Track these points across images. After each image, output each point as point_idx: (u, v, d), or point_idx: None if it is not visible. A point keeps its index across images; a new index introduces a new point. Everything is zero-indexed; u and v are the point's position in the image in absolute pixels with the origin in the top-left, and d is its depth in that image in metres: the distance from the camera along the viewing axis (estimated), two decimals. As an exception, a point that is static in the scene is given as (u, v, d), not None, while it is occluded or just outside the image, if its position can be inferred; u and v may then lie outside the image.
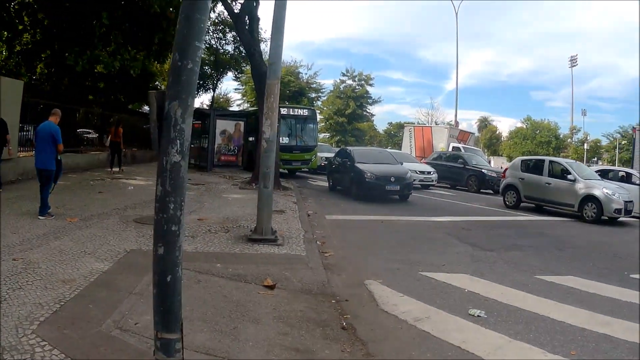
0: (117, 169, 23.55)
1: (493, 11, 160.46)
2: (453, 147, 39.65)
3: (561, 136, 79.45)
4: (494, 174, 30.06)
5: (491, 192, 29.12)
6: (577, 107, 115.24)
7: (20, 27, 25.15)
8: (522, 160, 23.37)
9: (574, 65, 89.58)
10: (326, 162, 34.89)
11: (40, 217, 10.94)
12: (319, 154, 34.47)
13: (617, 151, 72.22)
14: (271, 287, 7.32)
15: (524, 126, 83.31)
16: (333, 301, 7.10)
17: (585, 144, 75.31)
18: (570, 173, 19.26)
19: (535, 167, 21.69)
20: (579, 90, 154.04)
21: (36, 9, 24.04)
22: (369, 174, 19.67)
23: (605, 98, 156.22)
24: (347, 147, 27.14)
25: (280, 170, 27.84)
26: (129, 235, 9.84)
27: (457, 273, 9.11)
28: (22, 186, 15.55)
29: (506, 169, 24.20)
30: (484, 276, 8.98)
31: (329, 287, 7.76)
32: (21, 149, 18.36)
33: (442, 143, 42.42)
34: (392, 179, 19.86)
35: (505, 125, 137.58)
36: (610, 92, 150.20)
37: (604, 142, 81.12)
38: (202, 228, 11.11)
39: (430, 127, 51.00)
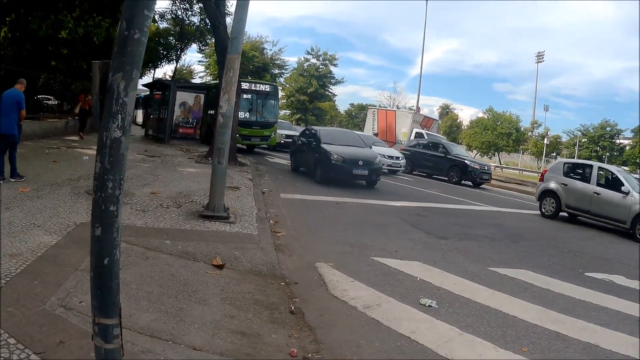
0: (80, 136, 24.39)
1: (464, 2, 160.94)
2: (416, 132, 39.48)
3: (522, 129, 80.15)
4: (476, 166, 29.53)
5: (471, 184, 29.16)
6: (540, 102, 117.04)
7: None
8: (565, 163, 20.13)
9: (540, 61, 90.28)
10: (286, 140, 35.31)
11: (11, 180, 11.31)
12: (279, 131, 34.41)
13: (576, 148, 73.37)
14: (220, 267, 7.21)
15: (485, 116, 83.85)
16: (282, 283, 7.02)
17: (546, 139, 76.16)
18: (623, 184, 16.52)
19: (580, 172, 18.74)
20: (543, 86, 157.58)
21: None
22: (335, 156, 18.59)
23: (568, 96, 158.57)
24: (313, 127, 25.42)
25: (239, 145, 27.73)
26: (79, 207, 9.55)
27: (410, 260, 9.07)
28: None
29: (544, 172, 21.21)
30: (437, 265, 8.99)
31: (279, 269, 7.68)
32: None
33: (405, 128, 42.47)
34: (360, 163, 18.82)
35: (466, 114, 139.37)
36: (573, 90, 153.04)
37: (565, 138, 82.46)
38: (154, 202, 10.88)
39: (394, 110, 50.28)
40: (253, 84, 32.17)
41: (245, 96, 28.98)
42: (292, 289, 6.88)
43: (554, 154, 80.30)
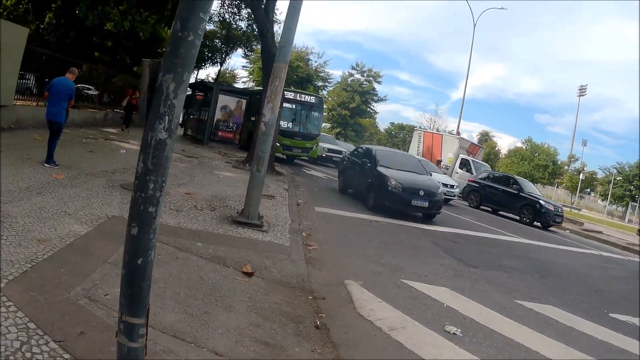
0: (125, 129, 26.15)
1: (511, 27, 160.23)
2: (462, 159, 38.30)
3: (559, 162, 79.39)
4: (550, 207, 26.72)
5: (540, 225, 26.42)
6: (579, 136, 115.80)
7: (33, -27, 24.92)
8: None
9: (582, 95, 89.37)
10: (327, 154, 35.79)
11: (45, 165, 11.52)
12: (320, 144, 33.81)
13: (611, 186, 72.16)
14: (249, 274, 7.18)
15: (524, 147, 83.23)
16: (310, 297, 6.96)
17: (582, 174, 75.17)
18: None
19: None
20: (583, 120, 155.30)
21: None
22: (393, 182, 16.37)
23: (607, 132, 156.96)
24: (369, 146, 22.30)
25: (278, 155, 27.79)
26: (113, 200, 9.63)
27: (439, 286, 8.94)
28: (13, 134, 15.41)
29: None
30: (465, 293, 8.84)
31: (308, 282, 7.62)
32: (19, 96, 18.28)
33: (450, 153, 40.61)
34: (421, 193, 16.56)
35: (505, 142, 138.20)
36: (612, 126, 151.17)
37: (600, 174, 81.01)
38: (188, 203, 10.93)
39: (441, 134, 47.61)
40: (298, 94, 31.46)
41: (289, 106, 28.88)
42: (319, 303, 6.82)
43: (588, 189, 79.34)
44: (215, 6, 49.67)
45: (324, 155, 34.96)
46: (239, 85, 69.88)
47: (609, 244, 26.07)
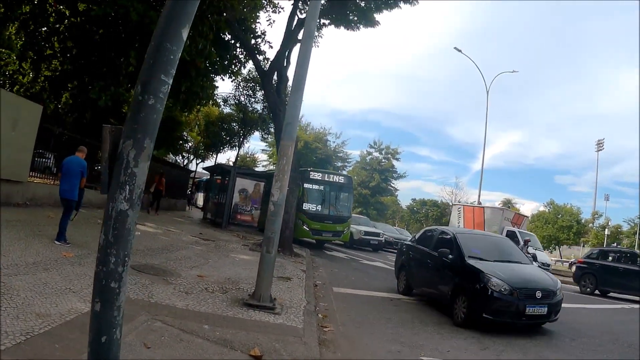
0: (155, 213, 28.94)
1: (525, 91, 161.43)
2: (507, 231, 35.94)
3: (583, 221, 78.64)
4: None
5: None
6: (601, 191, 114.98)
7: (49, 52, 25.26)
8: None
9: (600, 149, 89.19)
10: (364, 237, 33.75)
11: (56, 242, 11.72)
12: (355, 226, 33.14)
13: (637, 237, 71.37)
14: (258, 358, 6.76)
15: (547, 210, 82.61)
16: (322, 381, 6.53)
17: (606, 230, 74.41)
18: None
19: None
20: (604, 174, 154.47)
21: (66, 37, 24.11)
22: (496, 282, 11.12)
23: (629, 183, 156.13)
24: (444, 229, 15.97)
25: (308, 239, 28.75)
26: (121, 282, 9.29)
27: (462, 362, 8.45)
28: (27, 211, 15.77)
29: None
30: (490, 367, 8.35)
31: (321, 365, 7.16)
32: (37, 174, 18.98)
33: (495, 226, 38.17)
34: (538, 295, 11.46)
35: (527, 208, 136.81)
36: (634, 177, 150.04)
37: (625, 227, 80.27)
38: (199, 285, 10.60)
39: (483, 207, 44.70)
40: (326, 174, 30.68)
41: (317, 187, 28.79)
42: (331, 388, 6.40)
43: (615, 244, 78.65)
44: (230, 89, 50.24)
45: (359, 238, 33.28)
46: (259, 168, 70.33)
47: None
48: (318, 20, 22.59)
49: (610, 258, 25.48)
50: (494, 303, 11.13)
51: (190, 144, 56.66)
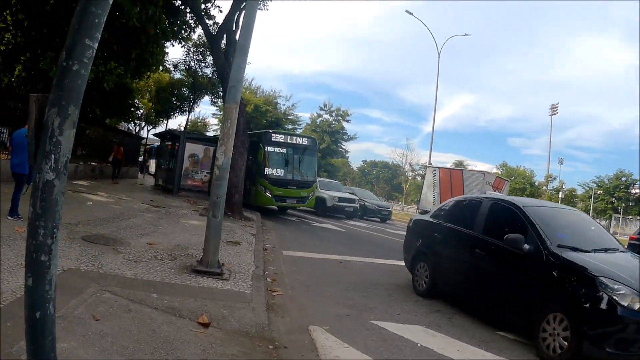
0: (114, 181, 30.19)
1: (478, 57, 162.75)
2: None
3: (536, 183, 79.84)
4: None
5: None
6: (555, 155, 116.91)
7: (2, 25, 24.75)
8: None
9: (554, 114, 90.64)
10: (338, 204, 32.35)
11: (8, 218, 11.61)
12: (329, 192, 32.61)
13: (592, 201, 72.72)
14: (206, 325, 6.73)
15: (499, 172, 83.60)
16: (270, 347, 6.51)
17: (561, 193, 75.77)
18: None
19: None
20: (557, 139, 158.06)
21: (18, 9, 23.60)
22: (622, 292, 6.98)
23: (583, 147, 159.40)
24: (496, 197, 11.55)
25: (271, 207, 28.65)
26: (71, 252, 9.29)
27: (412, 324, 8.53)
28: None
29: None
30: (441, 329, 8.42)
31: (269, 331, 7.15)
32: None
33: (476, 191, 33.75)
34: None
35: (480, 169, 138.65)
36: (588, 141, 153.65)
37: (580, 191, 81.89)
38: (148, 253, 10.52)
39: (461, 170, 42.94)
40: (289, 137, 29.07)
41: (279, 150, 27.33)
42: (280, 353, 6.38)
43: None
44: (180, 54, 49.57)
45: (333, 205, 32.02)
46: (210, 133, 69.77)
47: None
48: (266, -18, 22.42)
49: None
50: (623, 327, 7.04)
51: (141, 111, 55.97)
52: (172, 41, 27.83)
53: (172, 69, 46.34)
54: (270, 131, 28.97)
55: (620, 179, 74.12)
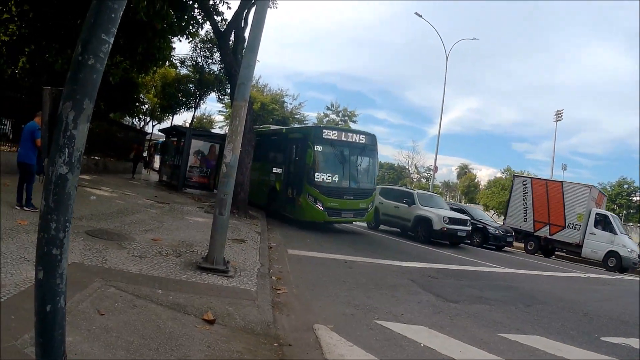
0: (132, 176, 32.68)
1: (484, 60, 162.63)
2: (597, 213, 30.02)
3: (540, 189, 79.93)
4: None
5: None
6: (558, 161, 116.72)
7: (6, 16, 24.77)
8: None
9: (559, 120, 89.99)
10: (449, 227, 24.27)
11: (25, 209, 12.13)
12: (438, 211, 24.94)
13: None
14: (211, 322, 6.74)
15: (503, 176, 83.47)
16: (275, 344, 6.52)
17: (563, 199, 75.72)
18: None
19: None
20: (562, 144, 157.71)
21: (23, 0, 23.64)
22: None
23: (586, 154, 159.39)
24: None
25: (321, 221, 21.59)
26: (75, 246, 9.26)
27: (415, 324, 8.53)
28: None
29: None
30: (444, 330, 8.41)
31: (274, 329, 7.16)
32: None
33: (580, 207, 30.45)
34: None
35: (484, 174, 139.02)
36: (591, 148, 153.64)
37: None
38: (153, 249, 10.53)
39: (561, 182, 34.27)
40: (343, 133, 22.43)
41: (331, 150, 21.42)
42: (284, 350, 6.39)
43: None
44: (187, 49, 49.63)
45: (442, 229, 23.93)
46: (216, 130, 69.67)
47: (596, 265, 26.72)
48: (275, -20, 22.38)
49: None
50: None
51: (146, 106, 55.97)
52: (179, 36, 27.80)
53: (178, 64, 46.40)
54: (322, 126, 24.87)
55: (622, 186, 74.32)
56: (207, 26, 28.17)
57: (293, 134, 22.80)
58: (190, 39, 33.03)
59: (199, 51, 44.72)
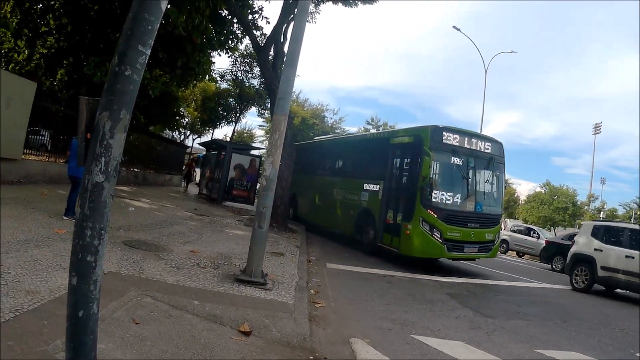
0: (184, 187, 37.10)
1: (522, 73, 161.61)
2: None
3: (578, 203, 78.82)
4: None
5: None
6: (597, 175, 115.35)
7: (45, 29, 25.24)
8: None
9: (598, 133, 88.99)
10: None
11: (64, 217, 12.34)
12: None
13: (632, 221, 71.44)
14: (246, 334, 6.72)
15: (543, 191, 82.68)
16: (311, 357, 6.48)
17: (602, 213, 74.66)
18: None
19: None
20: (600, 158, 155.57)
21: (61, 13, 24.03)
22: None
23: (625, 168, 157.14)
24: None
25: (442, 259, 17.79)
26: (112, 256, 9.38)
27: (452, 340, 8.44)
28: (21, 188, 15.77)
29: None
30: (480, 346, 8.32)
31: (310, 342, 7.10)
32: (32, 152, 18.75)
33: None
34: None
35: (524, 188, 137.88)
36: (630, 161, 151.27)
37: (620, 211, 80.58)
38: (191, 261, 10.58)
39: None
40: (466, 137, 16.63)
41: (454, 160, 16.14)
42: (319, 363, 6.38)
43: None
44: (227, 64, 50.01)
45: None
46: (256, 144, 69.99)
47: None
48: (314, -4, 22.44)
49: None
50: None
51: (186, 120, 56.47)
52: (218, 51, 28.09)
53: (218, 78, 46.85)
54: (440, 126, 16.36)
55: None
56: (247, 41, 28.46)
57: (398, 137, 17.96)
58: (230, 53, 33.32)
59: (238, 65, 45.21)
